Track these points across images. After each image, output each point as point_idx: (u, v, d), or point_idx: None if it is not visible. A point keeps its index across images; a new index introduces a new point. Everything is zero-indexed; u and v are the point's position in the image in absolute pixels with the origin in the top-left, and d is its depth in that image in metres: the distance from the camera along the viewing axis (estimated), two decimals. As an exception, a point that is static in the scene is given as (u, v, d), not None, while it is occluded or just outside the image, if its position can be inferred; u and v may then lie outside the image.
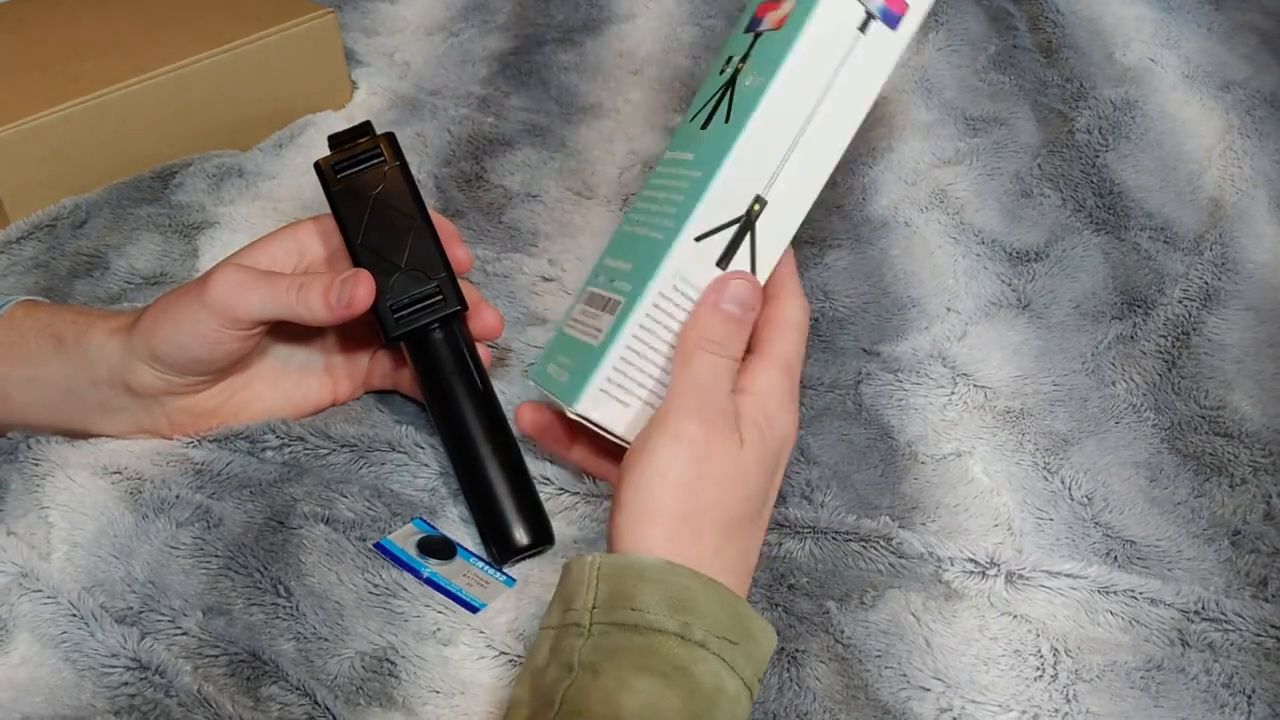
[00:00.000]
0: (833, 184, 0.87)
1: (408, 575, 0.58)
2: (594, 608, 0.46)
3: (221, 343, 0.59)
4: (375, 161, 0.63)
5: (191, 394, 0.62)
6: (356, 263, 0.61)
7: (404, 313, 0.60)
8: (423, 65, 1.02)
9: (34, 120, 0.81)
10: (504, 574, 0.59)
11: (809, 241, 0.80)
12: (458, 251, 0.63)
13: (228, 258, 0.61)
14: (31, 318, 0.62)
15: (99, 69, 0.86)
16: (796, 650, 0.55)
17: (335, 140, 0.64)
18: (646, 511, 0.48)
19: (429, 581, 0.57)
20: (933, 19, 1.03)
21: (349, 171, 0.62)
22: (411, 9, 1.09)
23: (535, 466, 0.63)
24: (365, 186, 0.62)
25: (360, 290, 0.59)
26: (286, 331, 0.65)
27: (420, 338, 0.61)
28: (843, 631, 0.55)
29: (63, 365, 0.61)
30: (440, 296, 0.61)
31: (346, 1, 1.09)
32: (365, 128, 0.64)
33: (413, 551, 0.59)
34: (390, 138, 0.64)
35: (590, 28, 1.06)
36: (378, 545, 0.59)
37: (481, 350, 0.63)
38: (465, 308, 0.61)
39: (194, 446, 0.63)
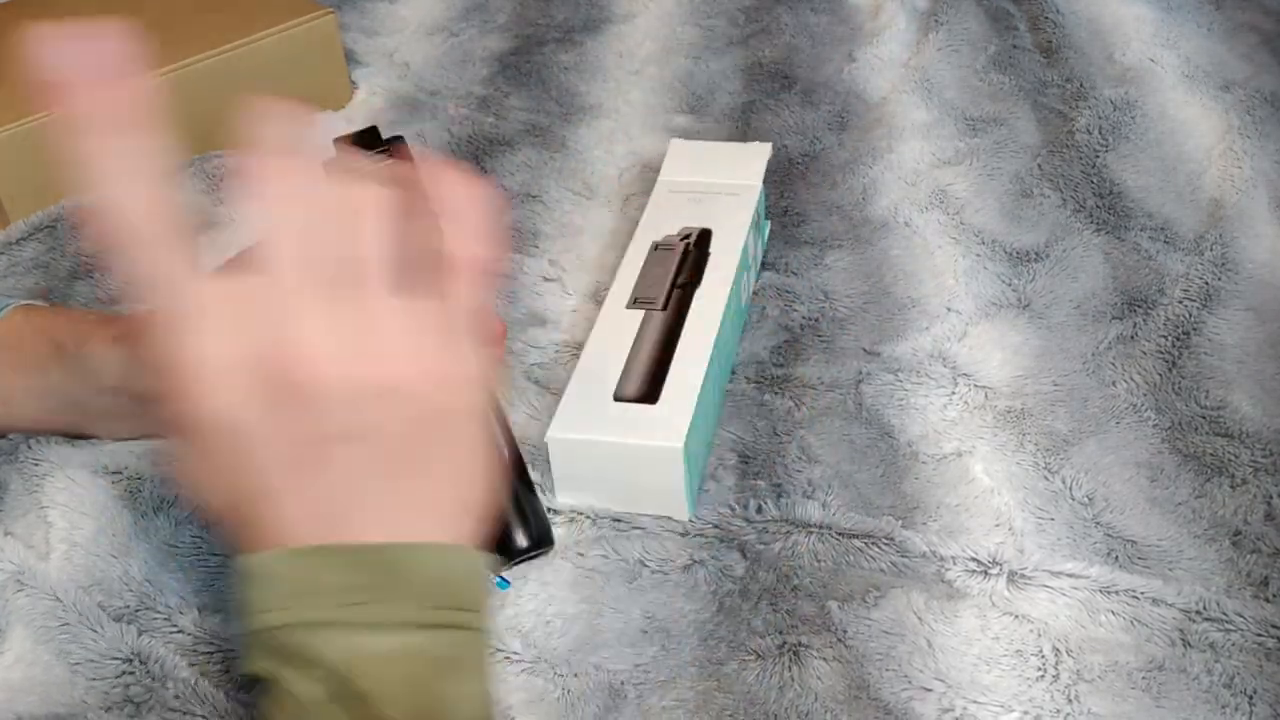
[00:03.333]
0: (833, 184, 0.87)
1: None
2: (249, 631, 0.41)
3: None
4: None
5: None
6: None
7: None
8: (423, 65, 1.01)
9: (34, 120, 0.81)
10: (498, 577, 0.58)
11: (809, 242, 0.80)
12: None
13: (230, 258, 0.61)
14: (30, 324, 0.61)
15: (98, 69, 0.85)
16: (799, 647, 0.55)
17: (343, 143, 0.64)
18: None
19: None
20: (933, 19, 1.03)
21: None
22: (411, 9, 1.09)
23: (537, 470, 0.63)
24: None
25: None
26: None
27: None
28: (845, 631, 0.55)
29: (64, 375, 0.60)
30: None
31: (346, 1, 1.09)
32: (373, 132, 0.64)
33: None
34: (399, 140, 0.64)
35: (590, 28, 1.06)
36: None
37: None
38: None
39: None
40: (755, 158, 0.77)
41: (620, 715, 0.52)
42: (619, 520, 0.61)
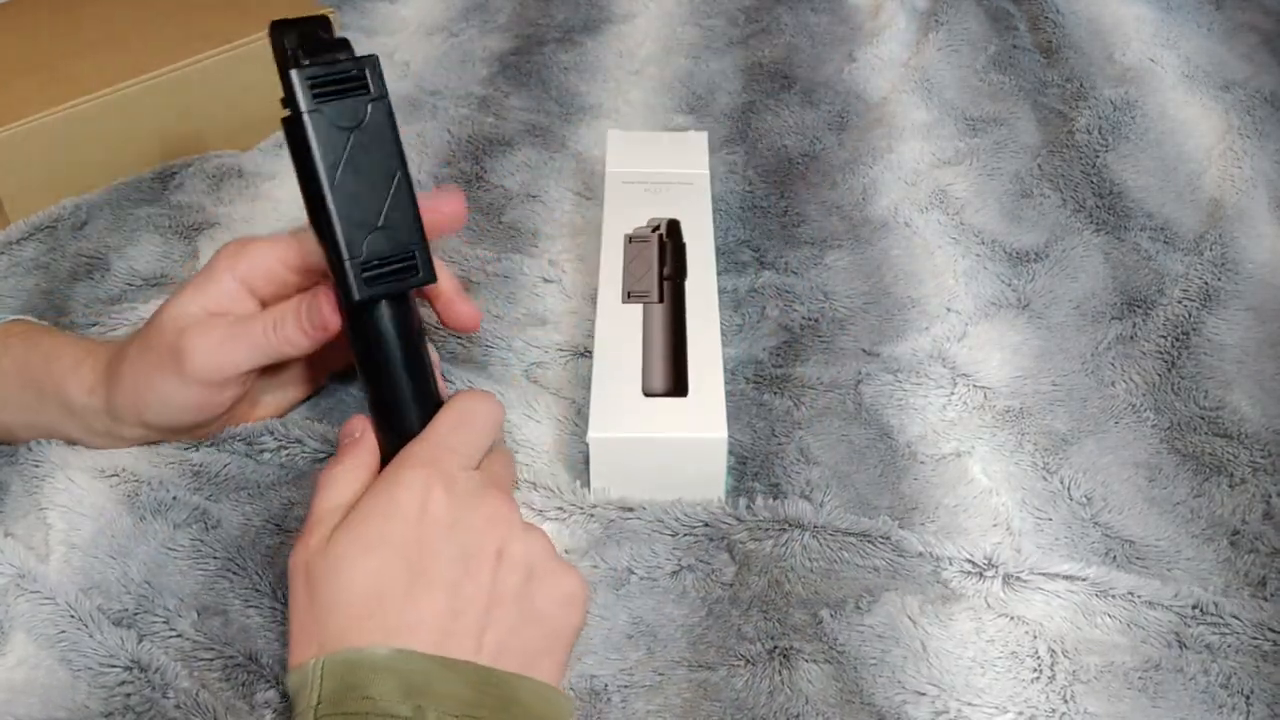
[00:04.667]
0: (833, 184, 0.87)
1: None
2: (318, 703, 0.45)
3: (211, 400, 0.59)
4: (359, 93, 0.51)
5: (185, 433, 0.63)
6: (324, 214, 0.51)
7: (373, 273, 0.52)
8: (423, 65, 1.01)
9: (34, 120, 0.81)
10: None
11: (809, 242, 0.80)
12: (454, 204, 0.58)
13: (177, 304, 0.57)
14: (9, 356, 0.61)
15: (99, 69, 0.86)
16: (790, 651, 0.55)
17: (302, 38, 0.50)
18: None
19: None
20: (933, 19, 1.03)
21: (330, 98, 0.50)
22: (411, 9, 1.09)
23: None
24: (344, 118, 0.51)
25: (325, 309, 0.55)
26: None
27: (371, 307, 0.53)
28: (836, 638, 0.55)
29: (51, 415, 0.61)
30: (414, 262, 0.52)
31: (346, 1, 1.09)
32: (343, 42, 0.52)
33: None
34: (374, 62, 0.51)
35: (590, 28, 1.06)
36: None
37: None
38: (434, 280, 0.54)
39: (192, 449, 0.63)
40: (696, 146, 0.79)
41: None
42: (611, 522, 0.61)
